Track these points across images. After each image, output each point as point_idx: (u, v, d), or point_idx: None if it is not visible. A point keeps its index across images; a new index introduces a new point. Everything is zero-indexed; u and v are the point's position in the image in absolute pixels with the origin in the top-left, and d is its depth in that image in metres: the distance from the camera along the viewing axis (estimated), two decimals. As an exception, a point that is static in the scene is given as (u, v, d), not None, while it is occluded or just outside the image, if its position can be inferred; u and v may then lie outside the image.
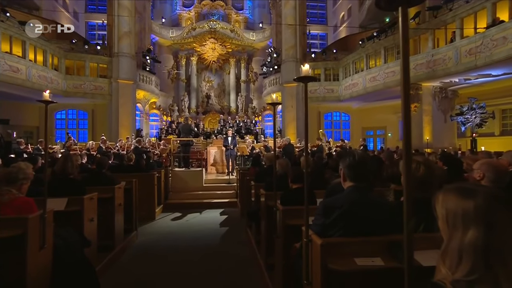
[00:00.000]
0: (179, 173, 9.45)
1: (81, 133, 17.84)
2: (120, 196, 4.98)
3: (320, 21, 24.02)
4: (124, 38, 16.38)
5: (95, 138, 15.67)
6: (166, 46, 23.36)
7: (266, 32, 23.67)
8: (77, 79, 15.85)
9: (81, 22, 21.12)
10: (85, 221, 3.66)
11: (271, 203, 3.92)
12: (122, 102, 16.49)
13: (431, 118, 13.45)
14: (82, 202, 3.65)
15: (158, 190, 7.88)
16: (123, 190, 5.12)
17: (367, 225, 1.97)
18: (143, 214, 6.98)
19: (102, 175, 4.83)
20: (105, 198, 4.60)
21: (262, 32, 23.92)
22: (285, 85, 18.58)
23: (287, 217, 3.05)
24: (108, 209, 4.67)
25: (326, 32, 23.92)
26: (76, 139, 16.62)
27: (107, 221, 4.65)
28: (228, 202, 8.69)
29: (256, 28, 24.56)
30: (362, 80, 16.04)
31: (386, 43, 14.60)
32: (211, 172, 11.93)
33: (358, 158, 2.11)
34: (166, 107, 22.81)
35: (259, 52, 24.40)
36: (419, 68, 12.78)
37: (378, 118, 18.78)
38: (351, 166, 2.10)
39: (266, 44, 23.65)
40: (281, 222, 3.05)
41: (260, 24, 24.17)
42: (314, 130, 19.03)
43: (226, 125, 19.48)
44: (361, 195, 2.06)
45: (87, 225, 3.71)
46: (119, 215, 4.93)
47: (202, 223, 6.92)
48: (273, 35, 21.91)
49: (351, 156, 2.13)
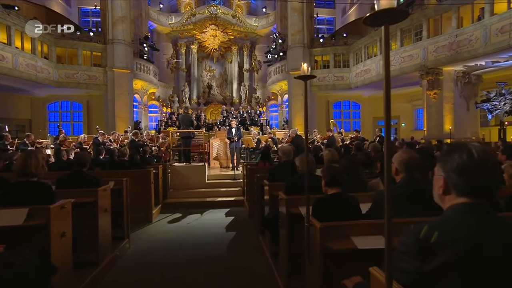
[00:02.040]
0: (179, 169, 8.75)
1: (76, 126, 17.18)
2: (106, 200, 4.15)
3: (327, 5, 22.92)
4: (119, 23, 15.55)
5: (90, 131, 14.97)
6: (165, 33, 22.55)
7: (270, 17, 22.71)
8: (70, 68, 15.11)
9: (73, 8, 20.11)
10: (53, 238, 2.82)
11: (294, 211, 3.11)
12: (118, 93, 15.81)
13: (453, 106, 12.51)
14: (49, 212, 2.81)
15: (156, 188, 7.16)
16: (109, 193, 4.29)
17: (504, 274, 1.11)
18: (138, 216, 6.29)
19: (82, 174, 3.99)
20: (86, 203, 3.78)
21: (265, 17, 22.96)
22: (291, 72, 17.78)
23: (327, 237, 2.19)
24: (90, 217, 3.85)
25: (333, 17, 22.89)
26: (71, 132, 15.95)
27: (89, 232, 3.83)
28: (234, 200, 8.00)
29: (259, 13, 23.66)
30: (375, 66, 15.18)
31: (402, 24, 13.60)
32: (214, 167, 11.23)
33: (478, 157, 1.21)
34: (166, 98, 22.10)
35: (263, 39, 23.63)
36: (440, 51, 11.86)
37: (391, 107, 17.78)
38: (466, 170, 1.20)
39: (270, 30, 22.77)
40: (319, 243, 2.19)
41: (264, 9, 23.28)
42: (323, 121, 18.29)
43: (229, 116, 18.68)
44: (485, 220, 1.18)
45: (56, 243, 2.87)
46: (104, 223, 4.11)
47: (206, 227, 6.13)
48: (278, 21, 20.97)
49: (463, 151, 1.23)
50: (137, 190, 6.26)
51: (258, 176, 5.56)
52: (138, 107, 19.15)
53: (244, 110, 20.20)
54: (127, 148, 7.51)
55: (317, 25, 20.79)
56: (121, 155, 6.96)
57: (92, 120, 16.33)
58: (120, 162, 6.76)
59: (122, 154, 6.95)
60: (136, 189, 6.23)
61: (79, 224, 3.63)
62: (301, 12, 17.37)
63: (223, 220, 6.61)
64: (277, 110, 22.42)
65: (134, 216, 5.84)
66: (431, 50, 12.21)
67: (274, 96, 22.49)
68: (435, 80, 12.42)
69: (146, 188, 6.51)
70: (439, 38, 11.95)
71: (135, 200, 6.03)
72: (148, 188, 6.53)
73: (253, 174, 6.51)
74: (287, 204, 3.31)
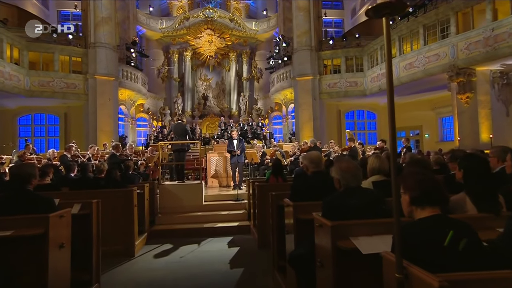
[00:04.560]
0: (170, 188, 7.93)
1: (52, 141, 16.36)
2: (63, 231, 3.17)
3: (334, 5, 22.56)
4: (103, 25, 15.07)
5: (68, 147, 14.04)
6: (155, 39, 22.21)
7: (271, 20, 22.47)
8: (44, 75, 14.44)
9: (51, 10, 19.54)
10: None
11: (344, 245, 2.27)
12: (101, 103, 15.19)
13: (490, 111, 11.69)
14: None
15: (141, 213, 6.32)
16: (69, 220, 3.30)
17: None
18: (116, 249, 5.34)
19: (26, 195, 3.00)
20: (30, 237, 2.79)
21: (266, 20, 22.73)
22: (298, 78, 17.32)
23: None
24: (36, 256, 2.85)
25: (342, 18, 22.53)
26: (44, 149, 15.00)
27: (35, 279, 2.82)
28: (237, 226, 7.17)
29: (259, 16, 23.44)
30: (394, 69, 14.42)
31: (426, 20, 13.12)
32: (212, 186, 10.40)
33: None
34: (156, 110, 21.62)
35: (264, 45, 23.39)
36: (473, 48, 11.18)
37: (412, 115, 17.32)
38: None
39: (271, 34, 22.49)
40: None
41: (264, 11, 23.11)
42: (334, 132, 17.60)
43: (227, 129, 17.89)
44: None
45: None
46: (60, 264, 3.11)
47: (204, 262, 5.21)
48: (280, 23, 20.67)
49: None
50: (115, 215, 5.38)
51: (274, 195, 4.62)
52: (124, 120, 18.55)
53: (244, 122, 19.42)
54: (105, 163, 6.58)
55: (324, 28, 20.27)
56: (97, 171, 6.10)
57: (70, 135, 15.51)
58: (95, 180, 5.86)
59: (98, 171, 6.11)
60: (114, 213, 5.35)
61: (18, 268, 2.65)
62: (307, 11, 16.89)
63: (225, 252, 5.76)
64: (281, 122, 21.88)
65: (110, 250, 4.99)
66: (461, 48, 11.52)
67: (277, 107, 22.03)
68: (467, 82, 11.67)
69: (127, 212, 5.58)
70: (471, 33, 11.26)
71: (113, 228, 5.19)
72: (129, 213, 5.60)
73: (264, 192, 5.68)
74: (333, 234, 2.36)
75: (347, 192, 2.65)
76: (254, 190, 6.56)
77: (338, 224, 2.39)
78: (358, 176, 2.70)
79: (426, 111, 16.73)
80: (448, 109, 14.75)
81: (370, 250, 2.13)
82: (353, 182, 2.66)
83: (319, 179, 3.66)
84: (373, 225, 2.43)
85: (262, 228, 5.78)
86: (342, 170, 2.68)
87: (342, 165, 2.72)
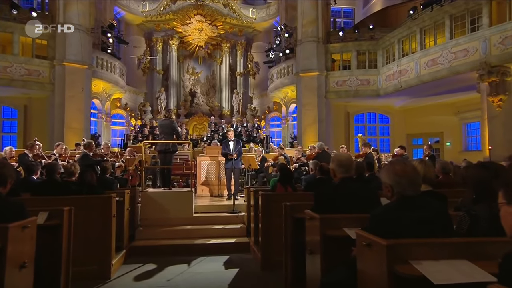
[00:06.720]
0: (154, 197, 7.75)
1: (7, 138, 16.16)
2: (25, 246, 2.85)
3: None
4: (74, 3, 14.90)
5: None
6: (136, 24, 22.27)
7: (271, 8, 22.67)
8: (1, 59, 14.24)
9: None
10: None
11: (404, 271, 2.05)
12: (70, 95, 15.01)
13: (528, 116, 11.72)
14: None
15: (119, 225, 6.06)
16: (34, 233, 2.98)
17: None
18: (89, 270, 5.03)
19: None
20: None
21: (266, 7, 22.92)
22: (301, 74, 17.39)
23: None
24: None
25: (352, 7, 22.70)
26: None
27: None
28: (235, 243, 7.03)
29: (257, 3, 23.64)
30: (414, 65, 14.62)
31: (454, 9, 13.18)
32: (202, 195, 10.29)
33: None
34: (136, 106, 21.70)
35: (262, 35, 23.69)
36: (509, 43, 11.27)
37: (431, 120, 17.59)
38: None
39: (271, 24, 22.70)
40: None
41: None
42: (341, 137, 17.63)
43: (219, 130, 17.65)
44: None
45: None
46: None
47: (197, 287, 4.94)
48: (282, 11, 20.89)
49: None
50: (89, 227, 5.07)
51: (289, 205, 4.34)
52: (97, 116, 18.43)
53: (238, 123, 19.29)
54: (76, 163, 6.24)
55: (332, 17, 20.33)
56: (67, 174, 5.75)
57: (31, 132, 15.26)
58: (65, 183, 5.51)
59: (68, 173, 5.75)
60: (87, 225, 5.03)
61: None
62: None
63: (222, 274, 5.57)
64: (280, 124, 22.03)
65: (81, 270, 4.72)
66: (495, 42, 11.53)
67: (276, 107, 22.16)
68: (500, 83, 11.65)
69: (104, 224, 5.28)
70: (507, 25, 11.25)
71: (85, 243, 4.92)
72: (107, 225, 5.29)
73: (270, 203, 5.56)
74: (390, 256, 2.12)
75: (403, 203, 2.35)
76: (257, 201, 6.32)
77: (395, 243, 2.12)
78: (416, 182, 2.41)
79: (449, 115, 16.84)
80: (474, 113, 14.79)
81: (445, 280, 1.87)
82: (410, 190, 2.37)
83: (350, 186, 3.41)
84: (438, 246, 2.19)
85: (267, 245, 5.63)
86: (396, 174, 2.38)
87: (396, 168, 2.42)
